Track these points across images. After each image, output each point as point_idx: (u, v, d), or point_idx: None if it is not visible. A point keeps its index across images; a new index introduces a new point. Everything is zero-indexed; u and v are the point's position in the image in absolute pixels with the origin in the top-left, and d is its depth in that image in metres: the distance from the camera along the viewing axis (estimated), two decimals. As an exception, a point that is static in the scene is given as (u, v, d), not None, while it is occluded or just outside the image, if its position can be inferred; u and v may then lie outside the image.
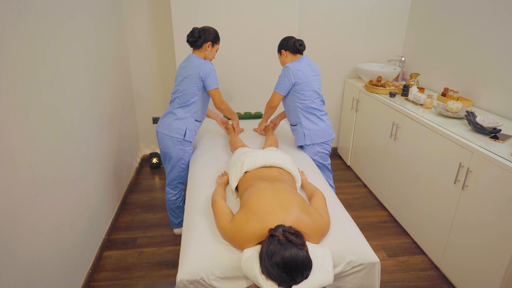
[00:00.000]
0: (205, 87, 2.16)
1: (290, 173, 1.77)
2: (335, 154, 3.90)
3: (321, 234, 1.38)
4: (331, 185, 2.52)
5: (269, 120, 2.63)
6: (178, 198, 2.42)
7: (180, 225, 2.53)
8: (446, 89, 2.65)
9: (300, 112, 2.27)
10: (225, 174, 1.93)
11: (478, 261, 1.87)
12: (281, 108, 2.77)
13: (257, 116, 2.98)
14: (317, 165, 2.36)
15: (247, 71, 3.22)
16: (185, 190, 2.44)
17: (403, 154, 2.54)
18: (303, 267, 1.13)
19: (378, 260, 1.42)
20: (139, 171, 3.52)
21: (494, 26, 2.34)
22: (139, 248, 2.43)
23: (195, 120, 2.24)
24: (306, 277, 1.14)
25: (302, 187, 1.81)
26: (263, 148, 2.22)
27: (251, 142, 2.42)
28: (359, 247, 1.44)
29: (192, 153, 2.33)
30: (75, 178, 1.98)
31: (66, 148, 1.87)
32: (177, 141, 2.21)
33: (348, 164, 3.60)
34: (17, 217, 1.41)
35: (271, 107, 2.35)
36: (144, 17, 3.15)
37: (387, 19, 3.37)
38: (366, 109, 3.12)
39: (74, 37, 2.03)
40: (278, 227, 1.22)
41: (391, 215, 2.79)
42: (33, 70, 1.57)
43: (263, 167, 1.75)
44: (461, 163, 1.95)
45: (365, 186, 3.24)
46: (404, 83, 3.16)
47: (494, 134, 2.00)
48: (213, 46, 2.16)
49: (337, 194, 2.89)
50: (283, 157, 1.81)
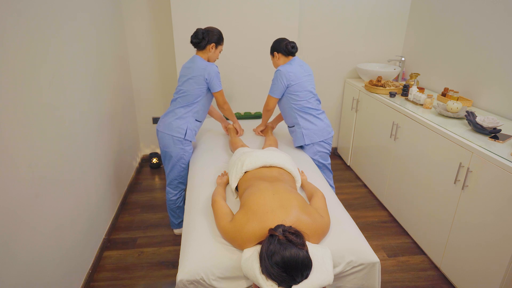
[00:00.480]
0: (209, 89, 2.17)
1: (290, 173, 1.77)
2: (335, 154, 3.90)
3: (321, 234, 1.38)
4: (331, 185, 2.52)
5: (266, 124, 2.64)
6: (178, 198, 2.42)
7: (180, 225, 2.53)
8: (446, 89, 2.65)
9: (296, 113, 2.27)
10: (225, 174, 1.93)
11: (478, 261, 1.87)
12: (276, 111, 2.78)
13: (257, 116, 2.98)
14: (317, 165, 2.36)
15: (247, 71, 3.22)
16: (186, 190, 2.44)
17: (403, 154, 2.54)
18: (303, 267, 1.13)
19: (378, 260, 1.42)
20: (139, 171, 3.53)
21: (494, 26, 2.34)
22: (139, 248, 2.43)
23: (196, 120, 2.24)
24: (306, 277, 1.14)
25: (302, 187, 1.81)
26: (263, 148, 2.22)
27: (251, 142, 2.42)
28: (359, 247, 1.44)
29: (192, 152, 2.33)
30: (75, 178, 1.98)
31: (66, 148, 1.87)
32: (177, 140, 2.21)
33: (348, 164, 3.60)
34: (17, 217, 1.41)
35: (267, 111, 2.37)
36: (144, 17, 3.15)
37: (387, 19, 3.37)
38: (366, 109, 3.12)
39: (74, 37, 2.04)
40: (278, 227, 1.22)
41: (391, 215, 2.79)
42: (33, 70, 1.57)
43: (263, 167, 1.75)
44: (461, 163, 1.95)
45: (365, 186, 3.24)
46: (404, 83, 3.16)
47: (494, 134, 2.00)
48: (216, 47, 2.17)
49: (337, 194, 2.89)
50: (283, 157, 1.81)
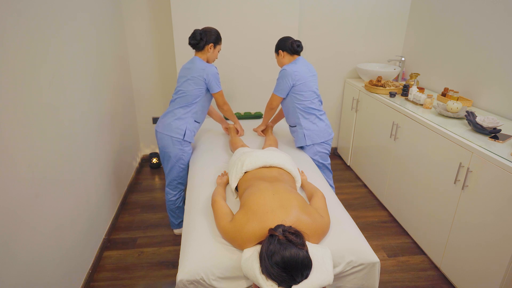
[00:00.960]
0: (208, 90, 2.17)
1: (290, 173, 1.77)
2: (335, 154, 3.89)
3: (321, 234, 1.38)
4: (331, 185, 2.52)
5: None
6: (178, 198, 2.42)
7: (180, 225, 2.53)
8: (446, 89, 2.65)
9: (299, 113, 2.27)
10: (225, 174, 1.93)
11: (478, 261, 1.87)
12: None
13: (257, 116, 2.98)
14: (317, 164, 2.36)
15: (247, 71, 3.22)
16: (185, 190, 2.44)
17: (403, 154, 2.54)
18: (303, 267, 1.13)
19: (378, 260, 1.42)
20: (139, 171, 3.53)
21: (494, 26, 2.34)
22: (139, 248, 2.43)
23: (195, 121, 2.24)
24: (306, 277, 1.14)
25: (302, 187, 1.81)
26: (263, 148, 2.22)
27: (251, 142, 2.42)
28: (359, 247, 1.44)
29: (191, 153, 2.33)
30: (75, 178, 1.98)
31: (66, 148, 1.87)
32: (176, 141, 2.21)
33: (348, 164, 3.60)
34: (17, 217, 1.41)
35: (270, 109, 2.36)
36: (144, 17, 3.15)
37: (387, 19, 3.37)
38: (366, 109, 3.12)
39: (74, 37, 2.04)
40: (278, 227, 1.22)
41: (391, 215, 2.79)
42: (33, 70, 1.57)
43: (263, 167, 1.75)
44: (461, 163, 1.95)
45: (365, 186, 3.24)
46: (404, 83, 3.16)
47: (494, 134, 2.00)
48: (215, 47, 2.16)
49: (337, 194, 2.89)
50: (283, 157, 1.81)
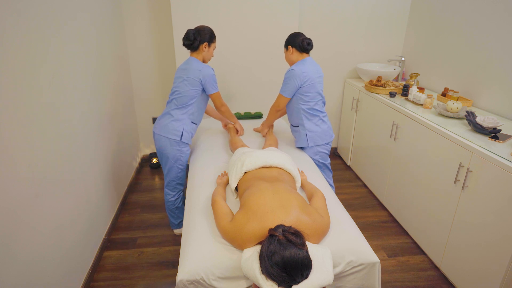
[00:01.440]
0: (204, 90, 2.16)
1: (290, 173, 1.77)
2: (335, 154, 3.89)
3: (321, 234, 1.38)
4: (331, 185, 2.52)
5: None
6: (177, 199, 2.42)
7: (179, 225, 2.53)
8: (446, 89, 2.65)
9: (303, 114, 2.25)
10: (225, 174, 1.93)
11: (478, 261, 1.87)
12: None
13: (257, 116, 2.98)
14: (317, 164, 2.36)
15: (247, 71, 3.21)
16: (184, 191, 2.44)
17: (403, 154, 2.54)
18: (303, 267, 1.13)
19: (378, 260, 1.42)
20: (139, 171, 3.53)
21: (494, 26, 2.34)
22: (139, 248, 2.43)
23: (192, 122, 2.24)
24: (306, 277, 1.14)
25: (302, 187, 1.81)
26: (263, 148, 2.22)
27: (251, 142, 2.42)
28: (359, 247, 1.44)
29: (189, 154, 2.32)
30: (75, 178, 1.98)
31: (66, 148, 1.87)
32: (174, 142, 2.20)
33: (348, 164, 3.60)
34: (17, 217, 1.41)
35: (277, 111, 2.31)
36: (144, 17, 3.15)
37: (387, 19, 3.37)
38: (366, 109, 3.12)
39: (74, 37, 2.04)
40: (278, 227, 1.22)
41: (391, 215, 2.79)
42: (33, 70, 1.57)
43: (263, 167, 1.75)
44: (461, 163, 1.95)
45: (365, 186, 3.24)
46: (404, 83, 3.16)
47: (494, 134, 2.00)
48: (209, 45, 2.15)
49: (337, 194, 2.89)
50: (283, 157, 1.81)
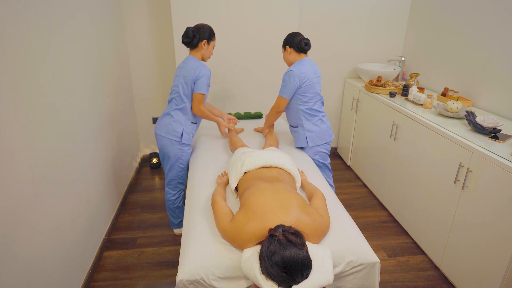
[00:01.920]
0: None
1: (290, 173, 1.77)
2: (335, 154, 3.89)
3: (321, 234, 1.38)
4: (331, 185, 2.52)
5: (258, 127, 2.67)
6: (177, 198, 2.42)
7: (180, 225, 2.53)
8: (446, 89, 2.65)
9: (302, 114, 2.26)
10: (225, 174, 1.93)
11: (478, 261, 1.87)
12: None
13: (257, 116, 2.98)
14: (317, 164, 2.36)
15: (247, 71, 3.21)
16: (185, 190, 2.44)
17: (403, 154, 2.54)
18: (303, 267, 1.13)
19: (378, 260, 1.42)
20: (139, 171, 3.52)
21: (494, 26, 2.34)
22: (139, 248, 2.43)
23: (192, 122, 2.24)
24: (306, 277, 1.14)
25: (302, 187, 1.81)
26: (263, 148, 2.22)
27: (251, 142, 2.42)
28: (359, 247, 1.44)
29: (190, 153, 2.33)
30: (75, 178, 1.98)
31: (66, 148, 1.87)
32: (175, 142, 2.21)
33: (348, 164, 3.60)
34: (17, 217, 1.41)
35: (278, 112, 2.31)
36: (144, 17, 3.15)
37: (387, 19, 3.36)
38: (366, 109, 3.12)
39: (74, 37, 2.04)
40: (278, 227, 1.22)
41: (391, 215, 2.79)
42: (33, 70, 1.57)
43: (263, 167, 1.75)
44: (461, 163, 1.95)
45: (365, 186, 3.24)
46: (404, 83, 3.16)
47: (494, 134, 2.00)
48: (208, 43, 2.15)
49: (337, 194, 2.89)
50: (283, 157, 1.81)
